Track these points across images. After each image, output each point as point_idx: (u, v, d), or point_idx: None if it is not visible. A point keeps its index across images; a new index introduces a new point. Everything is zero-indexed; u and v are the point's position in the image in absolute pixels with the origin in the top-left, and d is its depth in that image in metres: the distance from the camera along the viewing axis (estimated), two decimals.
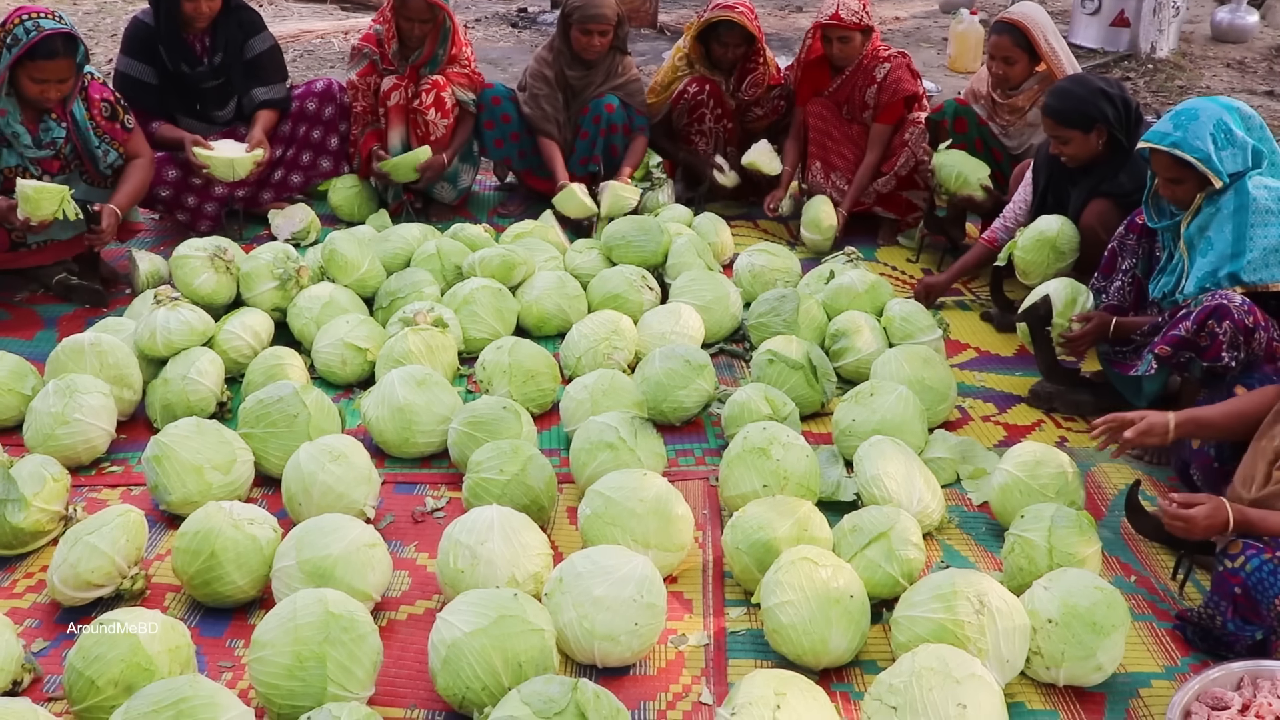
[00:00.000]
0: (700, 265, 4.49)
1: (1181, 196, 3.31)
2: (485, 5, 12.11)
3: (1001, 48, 4.55)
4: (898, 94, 5.05)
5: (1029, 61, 4.55)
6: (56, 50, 3.97)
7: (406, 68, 5.22)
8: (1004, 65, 4.58)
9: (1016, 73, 4.58)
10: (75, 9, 11.30)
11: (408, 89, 5.23)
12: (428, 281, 4.27)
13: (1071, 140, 3.88)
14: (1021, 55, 4.53)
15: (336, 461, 3.02)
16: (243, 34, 5.01)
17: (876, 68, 5.10)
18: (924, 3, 12.28)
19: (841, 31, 4.99)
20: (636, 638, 2.53)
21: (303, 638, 2.33)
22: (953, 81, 8.68)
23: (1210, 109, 3.22)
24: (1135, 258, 3.62)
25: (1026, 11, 4.54)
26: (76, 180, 4.37)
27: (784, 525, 2.80)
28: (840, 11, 4.93)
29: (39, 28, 3.93)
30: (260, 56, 5.08)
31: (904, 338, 4.00)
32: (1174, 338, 3.15)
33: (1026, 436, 3.64)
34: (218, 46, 4.93)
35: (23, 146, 4.13)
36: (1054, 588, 2.58)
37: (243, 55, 5.03)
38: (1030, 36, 4.47)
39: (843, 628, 2.54)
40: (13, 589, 2.87)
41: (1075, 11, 9.95)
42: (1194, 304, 3.16)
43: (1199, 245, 3.28)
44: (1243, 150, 3.19)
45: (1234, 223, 3.19)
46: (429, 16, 5.09)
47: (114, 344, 3.63)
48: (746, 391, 3.49)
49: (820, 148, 5.29)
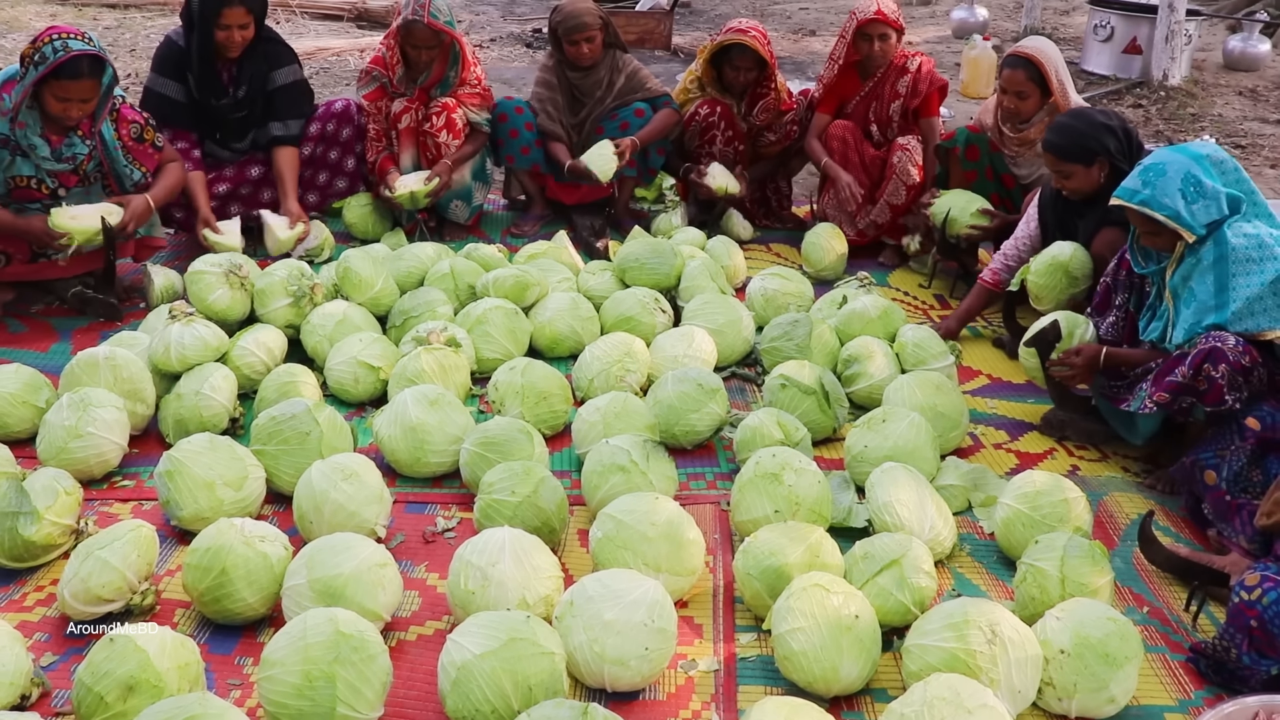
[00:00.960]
0: (713, 288, 4.49)
1: (1163, 245, 3.32)
2: (499, 26, 12.18)
3: (1015, 82, 4.53)
4: (934, 83, 5.15)
5: (1041, 96, 4.54)
6: (81, 71, 4.01)
7: (415, 90, 5.25)
8: (1016, 100, 4.57)
9: (1028, 107, 4.58)
10: (95, 24, 11.38)
11: (418, 111, 5.26)
12: (441, 301, 4.28)
13: (1074, 175, 3.89)
14: (1034, 90, 4.52)
15: (348, 480, 3.02)
16: (268, 66, 5.03)
17: (908, 60, 5.18)
18: (936, 28, 12.34)
19: (883, 29, 5.03)
20: (647, 662, 2.52)
21: (313, 657, 2.33)
22: (965, 107, 8.70)
23: (1178, 162, 3.20)
24: (1128, 293, 3.62)
25: (1039, 46, 4.54)
26: (99, 195, 4.41)
27: (795, 551, 2.79)
28: (882, 8, 4.99)
29: (67, 48, 3.97)
30: (280, 90, 5.09)
31: (916, 364, 3.99)
32: (1171, 384, 3.15)
33: (1038, 465, 3.63)
34: (242, 79, 4.96)
35: (39, 158, 4.16)
36: (1066, 618, 2.57)
37: (265, 87, 5.05)
38: (1043, 71, 4.46)
39: (854, 656, 2.53)
40: (23, 602, 2.87)
41: (1087, 38, 9.98)
42: (1188, 347, 3.16)
43: (1183, 295, 3.26)
44: (1215, 200, 3.16)
45: (1215, 273, 3.18)
46: (434, 42, 5.12)
47: (128, 358, 3.64)
48: (759, 416, 3.49)
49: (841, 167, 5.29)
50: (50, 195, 4.29)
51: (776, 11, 13.61)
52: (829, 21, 12.76)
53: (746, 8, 14.00)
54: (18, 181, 4.20)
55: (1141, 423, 3.40)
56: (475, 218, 5.60)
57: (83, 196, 4.37)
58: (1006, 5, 13.56)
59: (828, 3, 14.25)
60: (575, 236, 5.25)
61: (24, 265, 4.40)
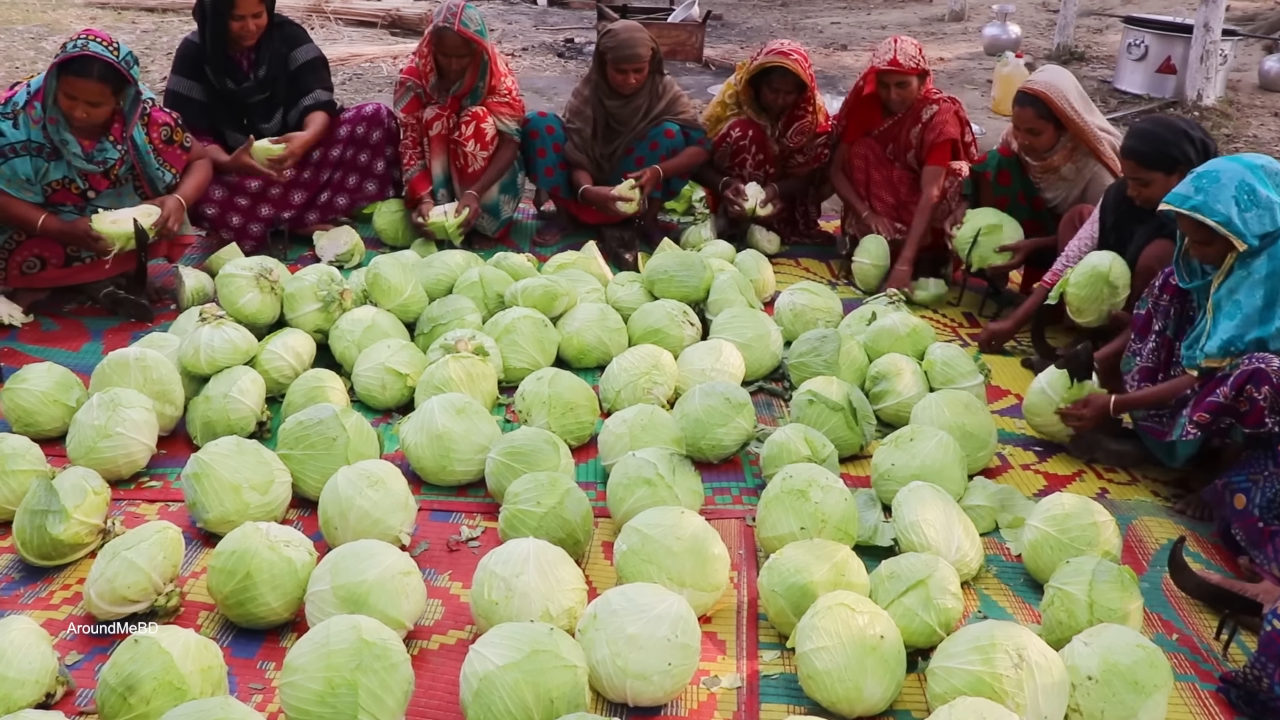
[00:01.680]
0: (742, 302, 4.48)
1: (1212, 258, 3.27)
2: (532, 35, 12.22)
3: (1024, 120, 4.48)
4: (941, 135, 5.07)
5: (1055, 130, 4.48)
6: (89, 72, 4.03)
7: (448, 98, 5.27)
8: (1029, 136, 4.52)
9: (1042, 143, 4.52)
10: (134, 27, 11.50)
11: (449, 119, 5.28)
12: (470, 309, 4.29)
13: (1153, 182, 3.78)
14: (1046, 125, 4.46)
15: (374, 487, 3.02)
16: (286, 47, 5.11)
17: (924, 109, 5.12)
18: (969, 44, 12.30)
19: (899, 77, 5.00)
20: (669, 678, 2.51)
21: (335, 664, 2.33)
22: (996, 124, 8.67)
23: (1232, 170, 3.15)
24: (1167, 319, 3.57)
25: (1049, 80, 4.47)
26: (131, 196, 4.45)
27: (821, 569, 2.77)
28: (898, 56, 4.95)
29: (85, 46, 4.01)
30: (304, 67, 5.16)
31: (945, 382, 3.97)
32: (1212, 404, 3.11)
33: (1067, 487, 3.59)
34: (262, 61, 5.03)
35: (71, 154, 4.20)
36: (1094, 643, 2.54)
37: (287, 67, 5.11)
38: (1054, 107, 4.41)
39: (878, 676, 2.51)
40: (49, 599, 2.89)
41: (1121, 57, 9.93)
42: (1230, 368, 3.12)
43: (1226, 307, 3.21)
44: (1269, 210, 3.11)
45: (1266, 287, 3.13)
46: (466, 51, 5.14)
47: (158, 359, 3.66)
48: (786, 432, 3.47)
49: (863, 187, 5.29)
50: (81, 197, 4.33)
51: (808, 26, 13.60)
52: (860, 36, 12.75)
53: (778, 21, 14.01)
54: (52, 185, 4.25)
55: (1181, 447, 3.36)
56: (504, 229, 5.62)
57: (114, 198, 4.42)
58: (1039, 22, 13.52)
59: (859, 17, 14.25)
60: (604, 247, 5.25)
61: (59, 270, 4.46)
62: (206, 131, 5.05)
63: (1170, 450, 3.43)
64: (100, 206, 4.37)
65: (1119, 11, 13.42)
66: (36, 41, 10.65)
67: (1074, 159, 4.56)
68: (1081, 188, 4.62)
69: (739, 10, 14.82)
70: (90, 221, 4.22)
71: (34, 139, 4.14)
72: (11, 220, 4.24)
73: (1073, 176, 4.60)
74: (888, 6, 15.38)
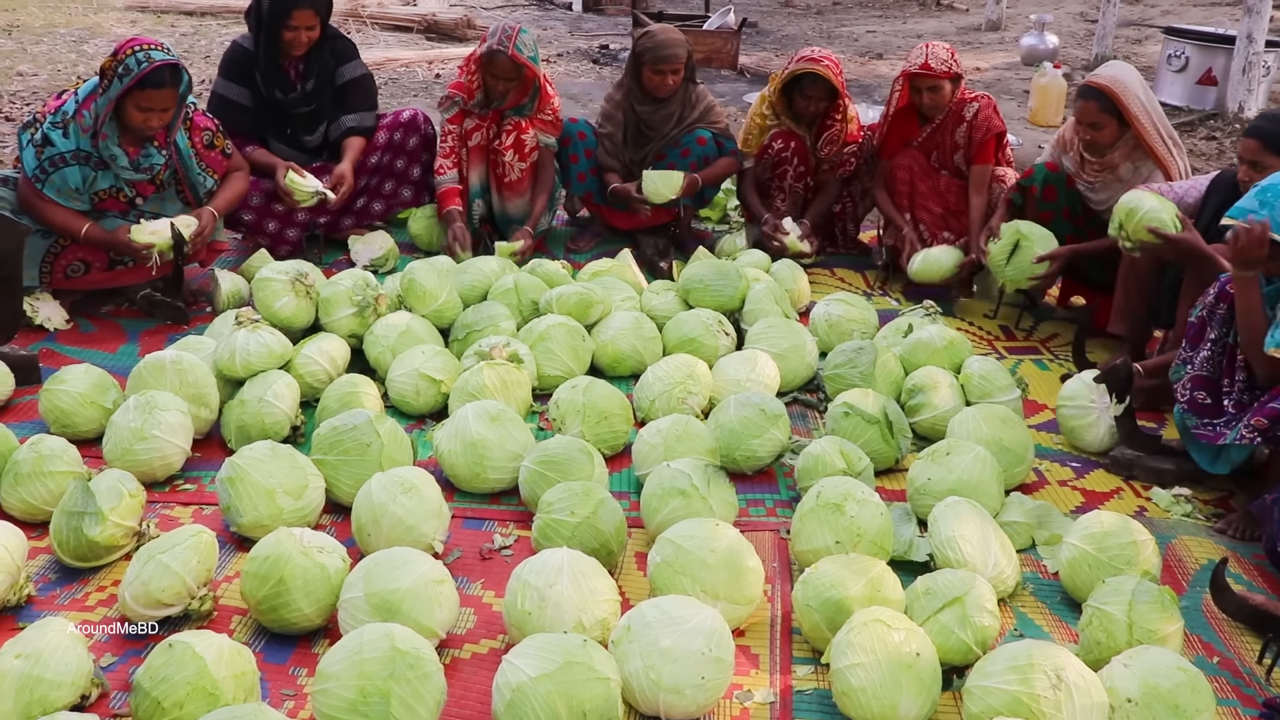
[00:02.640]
0: (777, 312, 4.46)
1: (1277, 270, 3.23)
2: (567, 41, 12.25)
3: (1087, 113, 4.42)
4: (989, 131, 5.05)
5: (1118, 125, 4.42)
6: (164, 81, 4.09)
7: (490, 111, 5.27)
8: (1091, 131, 4.45)
9: (1104, 137, 4.46)
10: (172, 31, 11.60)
11: (489, 130, 5.28)
12: (504, 316, 4.29)
13: (1270, 167, 3.64)
14: (1109, 120, 4.40)
15: (408, 494, 3.01)
16: (335, 61, 5.13)
17: (965, 108, 5.10)
18: (1005, 54, 12.23)
19: (931, 81, 4.97)
20: (703, 691, 2.49)
21: (368, 672, 2.32)
22: (1033, 134, 8.60)
23: None
24: (1226, 327, 3.52)
25: (1115, 75, 4.42)
26: (173, 200, 4.49)
27: (857, 585, 2.74)
28: (930, 60, 4.92)
29: (150, 59, 4.05)
30: (350, 84, 5.18)
31: (982, 396, 3.93)
32: (1272, 410, 3.07)
33: (1104, 504, 3.55)
34: (310, 73, 5.05)
35: (119, 168, 4.24)
36: (1134, 665, 2.50)
37: (334, 82, 5.13)
38: (1118, 102, 4.36)
39: (914, 694, 2.48)
40: (85, 601, 2.90)
41: (1161, 68, 9.84)
42: None
43: None
44: None
45: None
46: (514, 75, 5.15)
47: (194, 363, 3.67)
48: (821, 444, 3.45)
49: (907, 199, 5.25)
50: (129, 204, 4.38)
51: (843, 34, 13.56)
52: (895, 45, 12.70)
53: (813, 29, 13.99)
54: (99, 195, 4.30)
55: (1234, 451, 3.30)
56: (540, 238, 5.61)
57: (158, 203, 4.47)
58: (1077, 33, 13.42)
59: (895, 26, 14.20)
60: (639, 255, 5.24)
61: (102, 273, 4.52)
62: (252, 136, 5.07)
63: (1217, 456, 3.38)
64: (145, 212, 4.43)
65: (1158, 22, 13.32)
66: (78, 45, 10.77)
67: (1133, 158, 4.50)
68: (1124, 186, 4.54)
69: (774, 18, 14.81)
70: (130, 232, 4.25)
71: (82, 148, 4.20)
72: (57, 228, 4.29)
73: (1129, 178, 4.53)
74: (923, 15, 15.33)
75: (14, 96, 8.52)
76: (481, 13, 13.37)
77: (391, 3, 13.48)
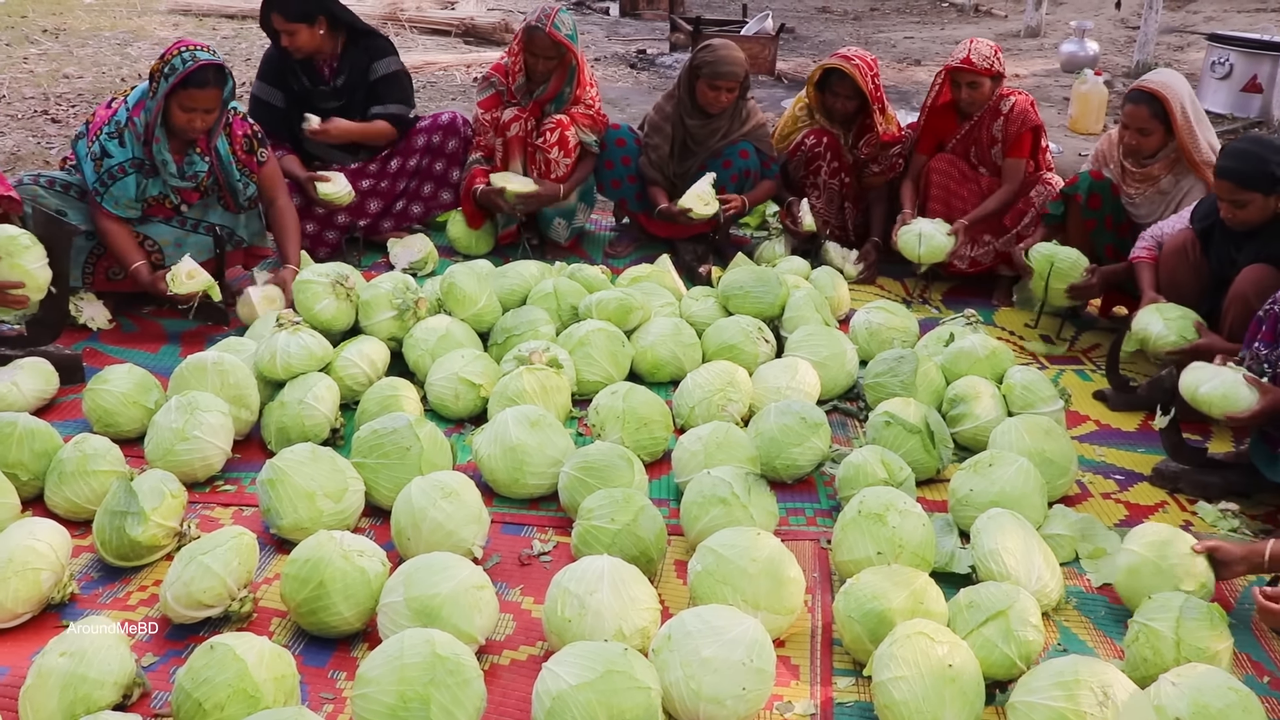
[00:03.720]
0: (817, 320, 4.43)
1: None
2: (605, 46, 12.26)
3: (1137, 118, 4.38)
4: (1025, 125, 5.03)
5: (1164, 133, 4.37)
6: (208, 80, 4.13)
7: (530, 102, 5.27)
8: (1138, 136, 4.40)
9: (1150, 144, 4.41)
10: (214, 34, 11.69)
11: (528, 122, 5.28)
12: (544, 320, 4.28)
13: (1250, 203, 3.70)
14: (1157, 127, 4.36)
15: (448, 499, 3.01)
16: (368, 58, 5.18)
17: (1001, 102, 5.08)
18: (1044, 61, 12.12)
19: (971, 77, 4.94)
20: (743, 703, 2.47)
21: (408, 678, 2.31)
22: (1073, 142, 8.52)
23: None
24: None
25: (1166, 81, 4.37)
26: (215, 207, 4.52)
27: (899, 596, 2.71)
28: (971, 56, 4.90)
29: (195, 59, 4.09)
30: (383, 79, 5.23)
31: (1024, 407, 3.89)
32: None
33: (1149, 518, 3.50)
34: (342, 70, 5.13)
35: (168, 174, 4.29)
36: (1183, 684, 2.44)
37: (367, 78, 5.17)
38: (1168, 109, 4.31)
39: (957, 709, 2.44)
40: (126, 600, 2.91)
41: (1204, 75, 9.72)
42: None
43: None
44: None
45: None
46: (554, 54, 5.14)
47: (235, 364, 3.69)
48: (862, 454, 3.42)
49: (943, 203, 5.20)
50: (175, 211, 4.44)
51: (881, 40, 13.50)
52: (934, 51, 12.62)
53: (851, 35, 13.93)
54: (148, 201, 4.36)
55: None
56: (574, 239, 5.61)
57: (202, 211, 4.53)
58: (1118, 39, 13.29)
59: (932, 33, 14.12)
60: (677, 261, 5.22)
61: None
62: (285, 139, 5.12)
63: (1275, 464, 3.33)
64: (188, 219, 4.47)
65: (1202, 29, 13.17)
66: (122, 47, 10.87)
67: (1174, 170, 4.45)
68: (1177, 202, 4.49)
69: (811, 24, 14.77)
70: (168, 283, 4.22)
71: (137, 155, 4.25)
72: (112, 251, 4.36)
73: (1170, 190, 4.48)
74: (961, 21, 15.24)
75: (60, 98, 8.61)
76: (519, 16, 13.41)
77: (430, 6, 13.53)
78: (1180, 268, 4.12)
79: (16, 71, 9.33)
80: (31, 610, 2.78)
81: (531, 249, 5.41)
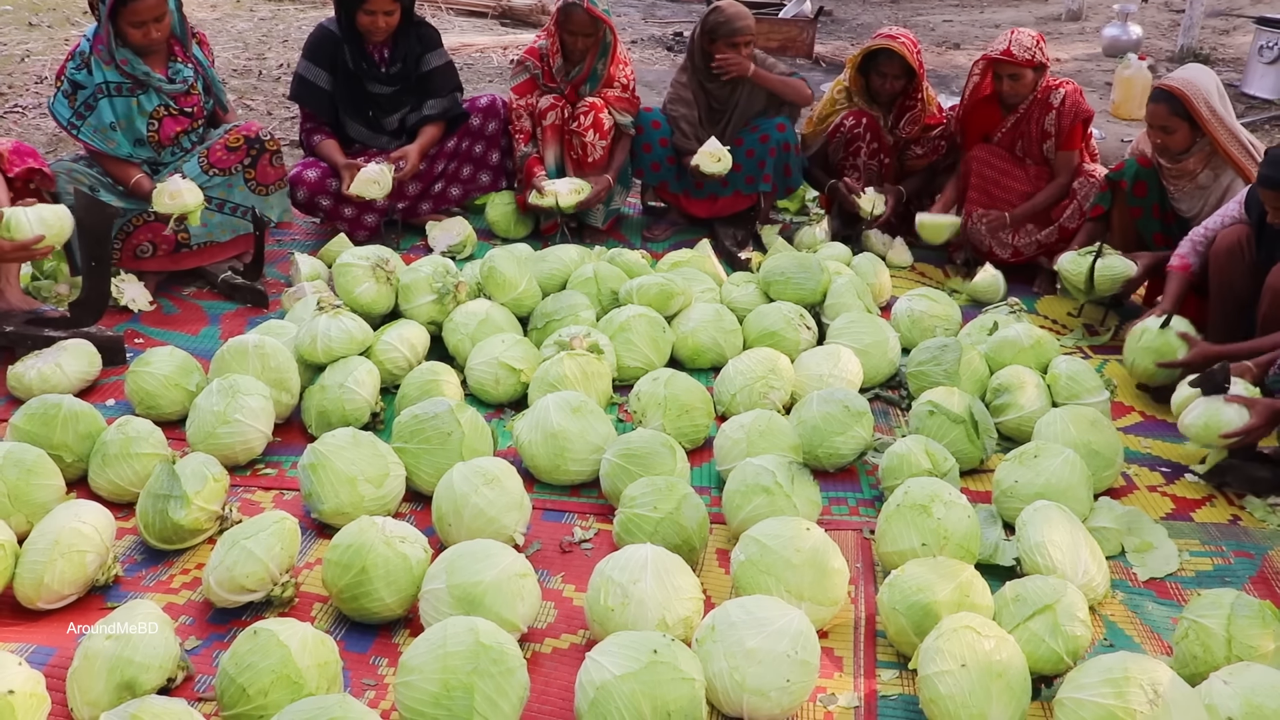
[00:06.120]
0: (859, 307, 4.39)
1: None
2: (641, 28, 12.19)
3: (1158, 116, 4.28)
4: (1078, 116, 4.92)
5: (1190, 129, 4.27)
6: None
7: (567, 86, 5.24)
8: (1162, 134, 4.31)
9: (1176, 141, 4.32)
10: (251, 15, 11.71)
11: (564, 109, 5.25)
12: (584, 305, 4.26)
13: None
14: (1180, 124, 4.26)
15: (490, 485, 3.00)
16: (421, 48, 5.13)
17: (1051, 94, 4.96)
18: (1086, 45, 11.94)
19: (1013, 69, 4.85)
20: (787, 695, 2.45)
21: (452, 666, 2.30)
22: (1115, 128, 8.41)
23: None
24: None
25: (1187, 78, 4.27)
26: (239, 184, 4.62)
27: (945, 589, 2.68)
28: (1012, 47, 4.81)
29: None
30: (434, 71, 5.18)
31: (1069, 397, 3.83)
32: None
33: (1195, 511, 3.45)
34: (397, 57, 5.07)
35: (157, 82, 4.34)
36: (1236, 683, 2.40)
37: (419, 68, 5.13)
38: (1189, 106, 4.21)
39: (1004, 704, 2.41)
40: (169, 583, 2.92)
41: (1251, 59, 9.54)
42: None
43: None
44: None
45: None
46: (591, 30, 5.12)
47: (276, 347, 3.69)
48: (906, 443, 3.38)
49: (983, 193, 5.12)
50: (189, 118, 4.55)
51: (920, 23, 13.36)
52: (973, 35, 12.48)
53: (889, 18, 13.80)
54: (156, 114, 4.41)
55: None
56: (611, 221, 5.58)
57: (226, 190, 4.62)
58: (1161, 23, 13.08)
59: (972, 16, 13.96)
60: (717, 246, 5.19)
61: (167, 256, 4.62)
62: (328, 121, 5.11)
63: None
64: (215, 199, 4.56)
65: (1249, 12, 12.95)
66: None
67: (1211, 165, 4.37)
68: (1218, 197, 4.41)
69: (849, 6, 14.62)
70: (153, 199, 4.31)
71: (110, 79, 4.28)
72: (109, 171, 4.43)
73: (1209, 184, 4.41)
74: (1002, 5, 15.05)
75: None
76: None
77: None
78: (1231, 267, 4.02)
79: (58, 53, 9.37)
80: (77, 592, 2.80)
81: (570, 233, 5.38)
